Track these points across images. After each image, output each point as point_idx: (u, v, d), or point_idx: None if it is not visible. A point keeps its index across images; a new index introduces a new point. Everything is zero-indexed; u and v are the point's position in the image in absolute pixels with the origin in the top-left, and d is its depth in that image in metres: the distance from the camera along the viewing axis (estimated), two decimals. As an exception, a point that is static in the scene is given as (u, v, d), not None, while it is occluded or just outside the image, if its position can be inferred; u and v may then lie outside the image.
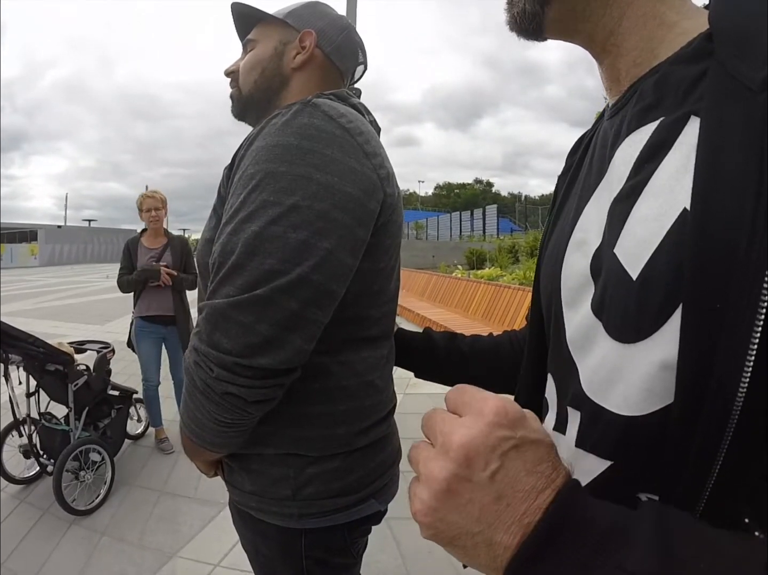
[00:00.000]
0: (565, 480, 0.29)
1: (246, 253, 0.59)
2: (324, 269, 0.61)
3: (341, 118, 0.66)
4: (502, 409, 0.29)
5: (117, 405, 2.90)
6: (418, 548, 2.11)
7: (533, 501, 0.28)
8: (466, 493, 0.28)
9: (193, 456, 0.78)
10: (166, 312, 3.10)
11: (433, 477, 0.29)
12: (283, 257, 0.59)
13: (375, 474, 0.79)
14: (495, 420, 0.29)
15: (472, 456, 0.28)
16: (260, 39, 0.85)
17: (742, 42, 0.34)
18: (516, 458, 0.29)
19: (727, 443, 0.30)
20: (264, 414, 0.67)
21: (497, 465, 0.28)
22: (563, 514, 0.27)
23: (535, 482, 0.28)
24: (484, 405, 0.30)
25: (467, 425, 0.29)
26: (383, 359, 0.81)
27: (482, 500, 0.28)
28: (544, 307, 0.54)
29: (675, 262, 0.33)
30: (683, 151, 0.36)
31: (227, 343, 0.58)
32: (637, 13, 0.43)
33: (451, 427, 0.30)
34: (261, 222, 0.59)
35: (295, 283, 0.59)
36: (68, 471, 2.37)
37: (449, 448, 0.29)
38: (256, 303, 0.58)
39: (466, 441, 0.28)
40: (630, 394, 0.37)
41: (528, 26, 0.47)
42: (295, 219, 0.59)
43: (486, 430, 0.29)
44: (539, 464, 0.29)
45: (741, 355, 0.29)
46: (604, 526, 0.27)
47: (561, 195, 0.56)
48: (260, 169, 0.61)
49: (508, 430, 0.29)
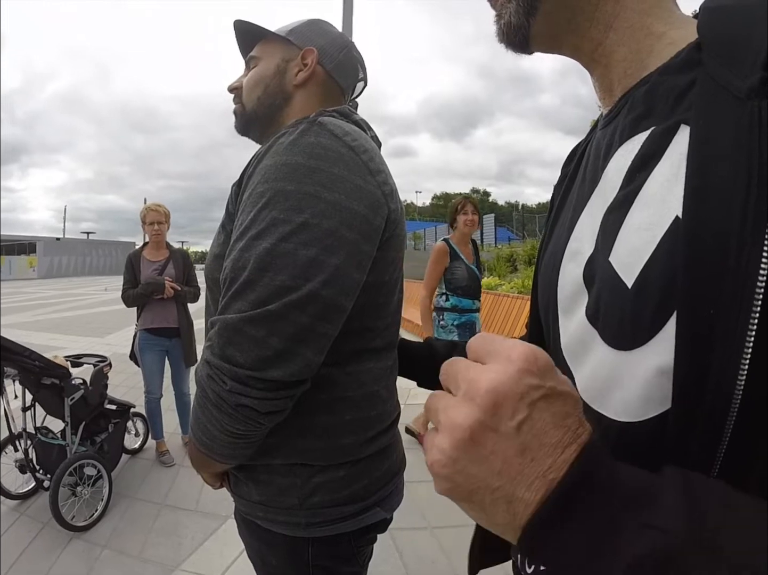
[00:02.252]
0: (590, 436, 0.28)
1: (258, 269, 0.61)
2: (333, 284, 0.63)
3: (346, 136, 0.68)
4: (531, 356, 0.28)
5: (114, 419, 2.87)
6: (421, 558, 2.09)
7: (559, 455, 0.26)
8: (490, 444, 0.27)
9: (201, 468, 0.79)
10: (170, 325, 3.11)
11: (456, 424, 0.27)
12: (294, 273, 0.60)
13: (380, 483, 0.80)
14: (524, 367, 0.27)
15: (500, 403, 0.27)
16: (263, 56, 0.88)
17: (730, 51, 0.34)
18: (544, 409, 0.27)
19: (725, 447, 0.30)
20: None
21: (525, 415, 0.27)
22: (590, 470, 0.26)
23: (562, 436, 0.27)
24: (512, 352, 0.28)
25: (495, 370, 0.27)
26: (388, 370, 0.82)
27: (506, 452, 0.27)
28: (542, 316, 0.55)
29: (669, 270, 0.34)
30: (674, 159, 0.36)
31: (240, 357, 0.60)
32: (624, 25, 0.43)
33: (478, 373, 0.28)
34: (272, 239, 0.61)
35: (306, 298, 0.61)
36: (65, 487, 2.34)
37: (475, 394, 0.27)
38: (268, 318, 0.60)
39: (494, 386, 0.27)
40: (628, 400, 0.37)
41: (514, 39, 0.48)
42: (305, 236, 0.61)
43: (516, 376, 0.27)
44: (567, 417, 0.28)
45: (736, 360, 0.29)
46: (631, 484, 0.26)
47: (557, 205, 0.57)
48: (270, 187, 0.63)
49: (537, 379, 0.27)
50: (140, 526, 2.41)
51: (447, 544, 2.18)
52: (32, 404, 2.57)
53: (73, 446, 2.49)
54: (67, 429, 2.48)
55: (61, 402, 2.47)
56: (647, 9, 0.43)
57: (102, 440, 2.73)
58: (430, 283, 3.08)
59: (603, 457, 0.27)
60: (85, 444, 2.63)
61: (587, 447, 0.27)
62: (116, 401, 2.95)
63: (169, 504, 2.64)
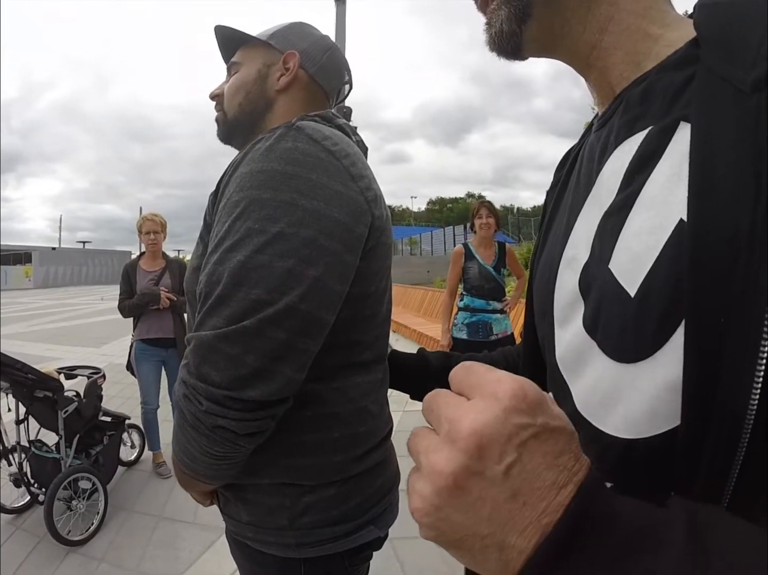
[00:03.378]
0: (587, 473, 0.26)
1: (232, 284, 0.58)
2: (312, 297, 0.60)
3: (326, 140, 0.65)
4: (520, 391, 0.25)
5: (109, 431, 2.84)
6: (422, 568, 2.07)
7: (554, 498, 0.24)
8: (476, 489, 0.25)
9: (187, 487, 0.76)
10: (166, 335, 3.08)
11: (437, 470, 0.25)
12: (269, 287, 0.57)
13: (373, 501, 0.77)
14: (512, 405, 0.25)
15: (485, 446, 0.24)
16: (244, 61, 0.85)
17: (731, 44, 0.33)
18: (535, 449, 0.25)
19: (739, 465, 0.28)
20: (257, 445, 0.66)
21: (513, 457, 0.25)
22: (586, 512, 0.24)
23: (556, 477, 0.25)
24: (498, 387, 0.26)
25: (479, 409, 0.25)
26: (377, 383, 0.79)
27: (495, 498, 0.25)
28: (538, 326, 0.53)
29: (674, 277, 0.32)
30: (675, 159, 0.35)
31: (216, 376, 0.57)
32: (619, 28, 0.42)
33: (460, 412, 0.26)
34: (246, 251, 0.58)
35: (283, 312, 0.58)
36: (60, 500, 2.31)
37: (458, 436, 0.25)
38: (243, 334, 0.57)
39: (478, 428, 0.24)
40: (631, 416, 0.35)
41: (506, 46, 0.46)
42: (281, 247, 0.58)
43: (502, 416, 0.25)
44: (560, 456, 0.25)
45: (749, 372, 0.27)
46: (631, 526, 0.24)
47: (550, 210, 0.56)
48: (245, 196, 0.61)
49: (527, 417, 0.25)
50: (137, 539, 2.37)
51: (448, 554, 2.14)
52: (26, 417, 2.54)
53: (67, 459, 2.46)
54: (61, 442, 2.45)
55: (54, 415, 2.44)
56: (642, 11, 0.42)
57: (97, 453, 2.70)
58: (448, 283, 3.29)
59: (601, 496, 0.25)
60: (80, 457, 2.60)
61: (584, 486, 0.25)
62: (111, 413, 2.92)
63: (167, 516, 2.61)
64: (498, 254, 3.21)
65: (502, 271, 3.18)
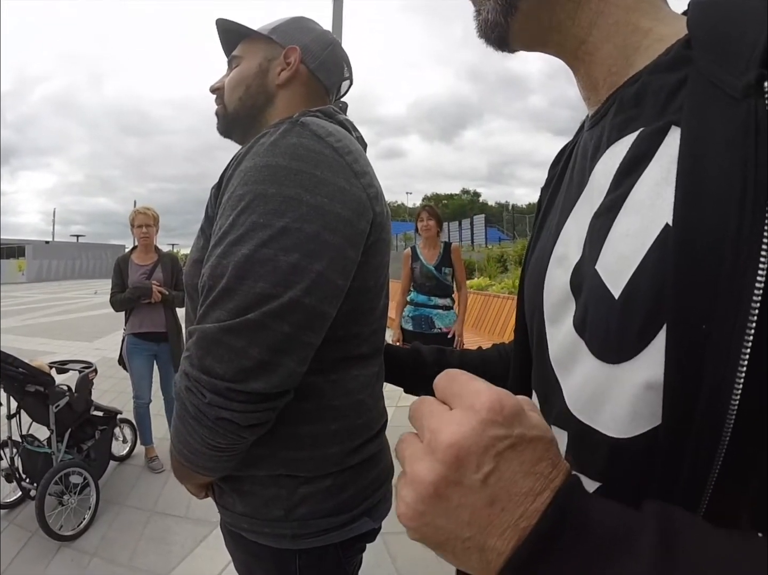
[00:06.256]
0: (564, 479, 0.27)
1: (236, 277, 0.58)
2: (316, 292, 0.61)
3: (330, 137, 0.66)
4: (497, 404, 0.26)
5: (101, 426, 2.83)
6: (414, 562, 2.08)
7: (530, 504, 0.26)
8: (456, 497, 0.26)
9: (184, 480, 0.77)
10: (157, 329, 3.07)
11: (419, 479, 0.27)
12: (274, 280, 0.58)
13: (368, 492, 0.78)
14: (488, 417, 0.26)
15: (462, 457, 0.26)
16: (245, 55, 0.86)
17: (722, 47, 0.32)
18: (512, 459, 0.26)
19: (718, 467, 0.29)
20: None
21: (491, 467, 0.26)
22: (561, 518, 0.25)
23: (533, 484, 0.26)
24: (476, 399, 0.27)
25: (457, 421, 0.27)
26: (374, 376, 0.80)
27: (474, 504, 0.26)
28: (528, 322, 0.54)
29: (658, 281, 0.32)
30: (664, 162, 0.34)
31: (219, 368, 0.57)
32: (608, 22, 0.42)
33: (440, 423, 0.27)
34: (251, 245, 0.59)
35: (287, 306, 0.58)
36: (51, 495, 2.30)
37: (437, 447, 0.26)
38: (247, 327, 0.57)
39: (455, 440, 0.26)
40: (617, 416, 0.35)
41: (492, 35, 0.46)
42: (286, 241, 0.59)
43: (478, 428, 0.26)
44: (537, 463, 0.27)
45: (731, 376, 0.27)
46: (605, 530, 0.25)
47: (544, 207, 0.56)
48: (249, 190, 0.61)
49: (503, 428, 0.26)
50: (130, 534, 2.37)
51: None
52: (18, 411, 2.53)
53: (59, 454, 2.44)
54: (53, 437, 2.44)
55: (46, 410, 2.42)
56: (633, 5, 0.42)
57: (89, 447, 2.69)
58: (401, 282, 3.63)
59: (576, 501, 0.26)
60: (72, 451, 2.59)
61: (560, 492, 0.26)
62: (103, 407, 2.91)
63: (159, 511, 2.61)
64: (442, 254, 3.45)
65: (444, 270, 3.43)
